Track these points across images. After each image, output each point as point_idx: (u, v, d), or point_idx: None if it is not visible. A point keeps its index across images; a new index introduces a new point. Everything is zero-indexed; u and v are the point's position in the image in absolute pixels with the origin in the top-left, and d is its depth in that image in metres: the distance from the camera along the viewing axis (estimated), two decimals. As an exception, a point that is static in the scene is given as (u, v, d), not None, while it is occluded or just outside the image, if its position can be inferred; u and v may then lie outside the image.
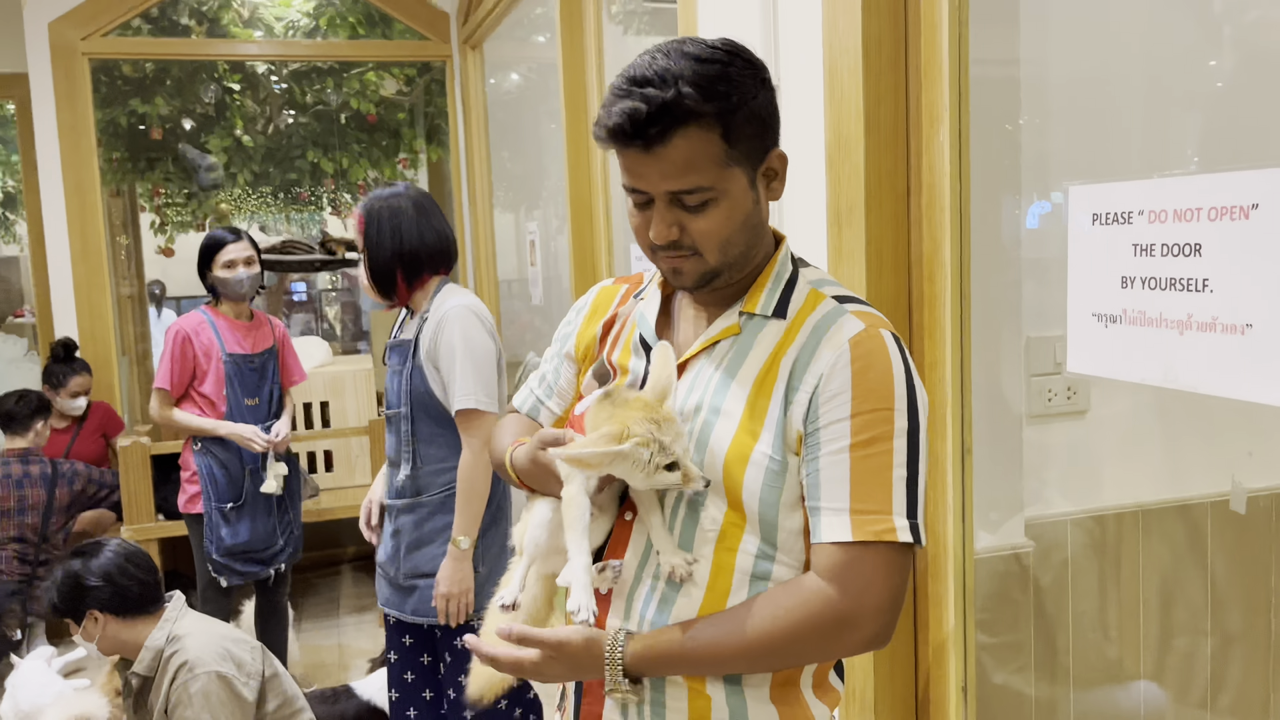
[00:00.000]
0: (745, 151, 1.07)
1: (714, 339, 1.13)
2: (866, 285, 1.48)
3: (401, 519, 2.41)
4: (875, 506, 1.03)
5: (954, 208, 1.41)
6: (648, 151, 1.03)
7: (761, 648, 1.05)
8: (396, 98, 5.49)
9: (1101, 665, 1.83)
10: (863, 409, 1.04)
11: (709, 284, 1.12)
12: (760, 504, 1.08)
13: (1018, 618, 1.77)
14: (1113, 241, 1.14)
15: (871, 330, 1.08)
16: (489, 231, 4.75)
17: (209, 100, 5.15)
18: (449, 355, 2.27)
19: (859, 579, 1.03)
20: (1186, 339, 1.05)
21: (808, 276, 1.17)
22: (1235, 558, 1.85)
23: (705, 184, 1.05)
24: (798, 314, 1.12)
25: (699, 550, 1.10)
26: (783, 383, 1.08)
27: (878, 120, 1.47)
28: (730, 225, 1.08)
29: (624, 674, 1.08)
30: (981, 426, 1.71)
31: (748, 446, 1.07)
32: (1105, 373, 1.17)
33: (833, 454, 1.05)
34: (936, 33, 1.41)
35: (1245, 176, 0.97)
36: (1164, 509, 1.83)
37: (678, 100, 1.01)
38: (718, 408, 1.10)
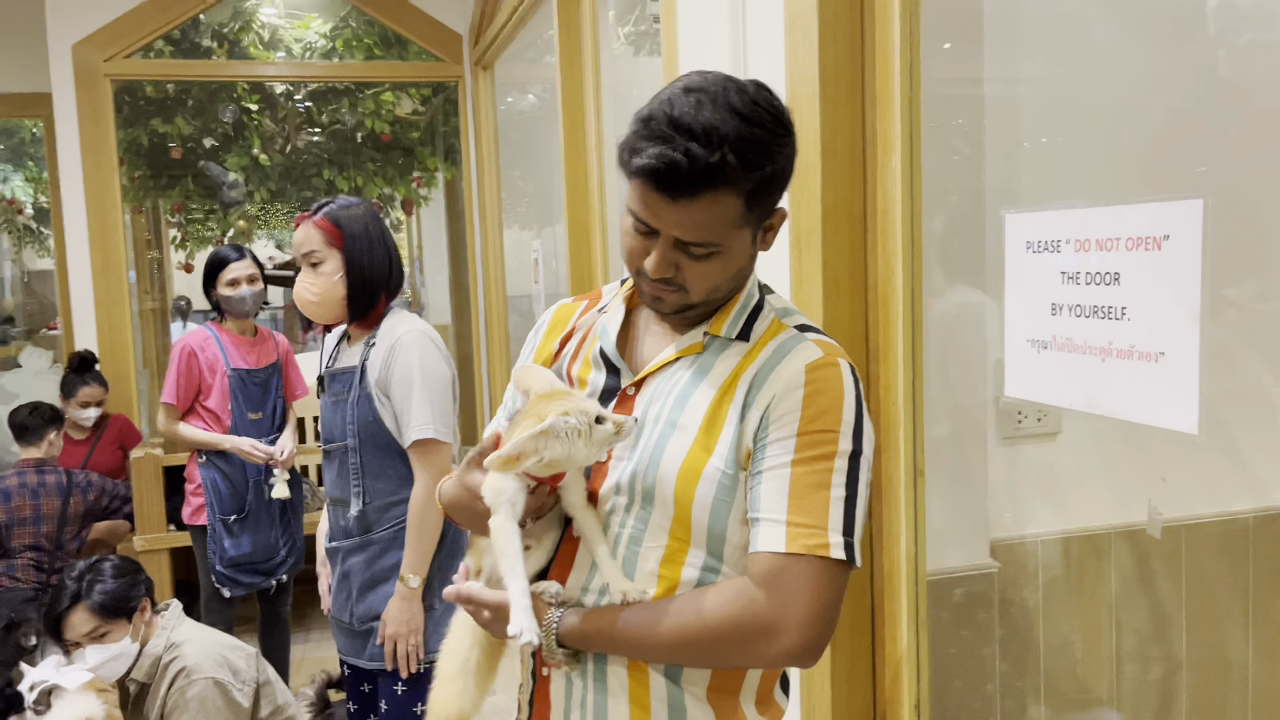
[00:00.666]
0: (759, 214, 1.10)
1: (677, 355, 1.16)
2: (824, 309, 1.52)
3: (351, 560, 2.24)
4: (811, 521, 1.05)
5: (905, 233, 1.44)
6: (673, 201, 1.04)
7: (681, 640, 1.07)
8: (411, 117, 5.58)
9: (1065, 686, 1.84)
10: (809, 429, 1.07)
11: (685, 312, 1.16)
12: (711, 517, 1.10)
13: (982, 637, 1.78)
14: (1044, 268, 1.17)
15: (829, 359, 1.11)
16: (498, 249, 4.81)
17: (228, 120, 5.27)
18: (404, 383, 2.14)
19: (787, 589, 1.05)
20: (1108, 365, 1.07)
21: (773, 304, 1.20)
22: (1204, 579, 1.86)
23: (715, 241, 1.08)
24: (761, 337, 1.15)
25: (643, 568, 1.12)
26: (739, 399, 1.10)
27: (834, 148, 1.50)
28: (723, 275, 1.12)
29: (558, 643, 1.12)
30: (946, 449, 1.73)
31: (701, 461, 1.10)
32: (1038, 398, 1.20)
33: (775, 467, 1.07)
34: (890, 63, 1.44)
35: (1157, 208, 1.00)
36: (1131, 531, 1.84)
37: (720, 166, 1.01)
38: (674, 422, 1.12)
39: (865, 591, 1.57)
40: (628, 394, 1.18)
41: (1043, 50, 1.73)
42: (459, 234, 5.75)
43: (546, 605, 1.14)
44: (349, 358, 2.26)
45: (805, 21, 1.51)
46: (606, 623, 1.10)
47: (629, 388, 1.18)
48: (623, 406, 1.18)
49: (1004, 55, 1.74)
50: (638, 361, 1.21)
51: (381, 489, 2.20)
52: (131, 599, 2.51)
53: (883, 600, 1.54)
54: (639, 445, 1.14)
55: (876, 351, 1.52)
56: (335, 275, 2.19)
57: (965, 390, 1.78)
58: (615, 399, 1.18)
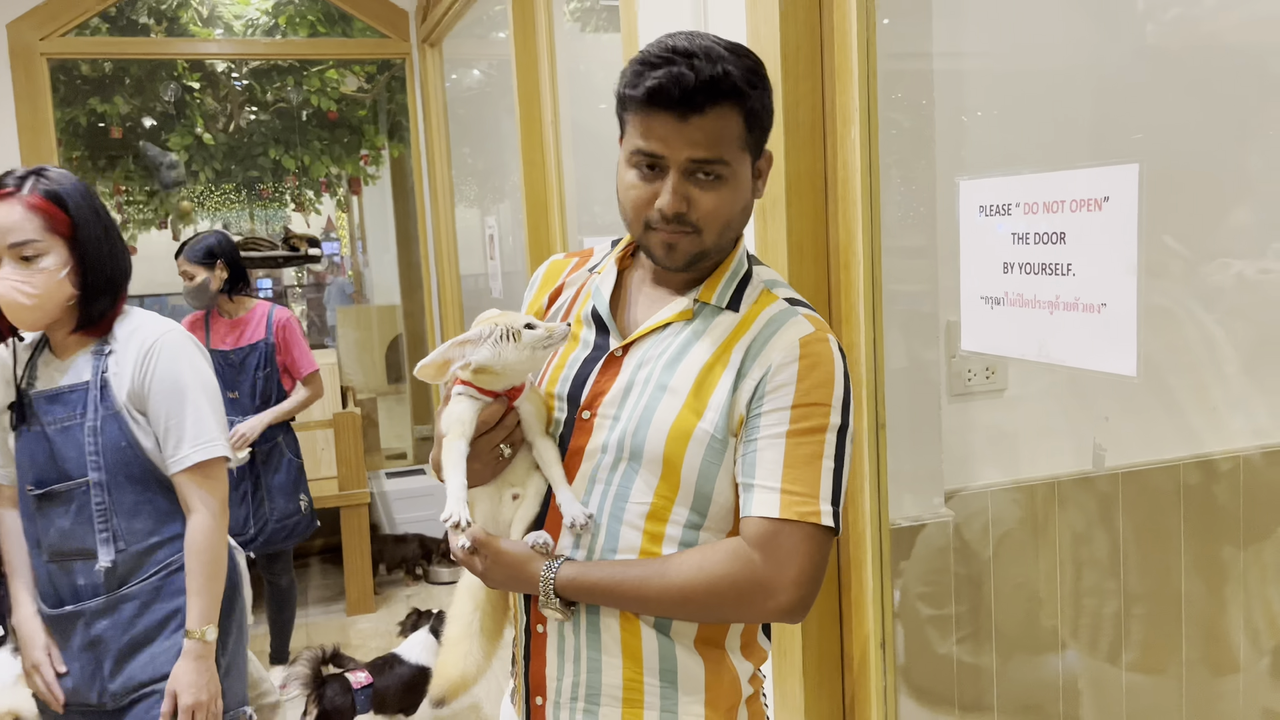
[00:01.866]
0: (755, 143, 1.15)
1: (667, 320, 1.20)
2: (789, 275, 1.60)
3: (99, 626, 1.80)
4: (804, 490, 1.11)
5: (865, 201, 1.52)
6: (683, 119, 1.08)
7: (682, 595, 1.12)
8: (357, 95, 5.55)
9: (1016, 624, 1.96)
10: (804, 402, 1.12)
11: (692, 265, 1.18)
12: (699, 477, 1.15)
13: (939, 582, 1.89)
14: (996, 231, 1.26)
15: (820, 334, 1.16)
16: (450, 227, 4.82)
17: (169, 99, 5.19)
18: (174, 394, 1.78)
19: (781, 551, 1.10)
20: (1055, 318, 1.17)
21: (761, 276, 1.24)
22: (1144, 525, 1.99)
23: (726, 159, 1.11)
24: (751, 308, 1.19)
25: (629, 521, 1.16)
26: (733, 368, 1.14)
27: (796, 121, 1.58)
28: (733, 207, 1.15)
29: (554, 593, 1.16)
30: (902, 405, 1.83)
31: (690, 423, 1.14)
32: (993, 350, 1.29)
33: (771, 437, 1.12)
34: (848, 39, 1.52)
35: (1098, 172, 1.09)
36: (1078, 480, 1.97)
37: (725, 76, 1.08)
38: (665, 385, 1.16)
39: (831, 540, 1.66)
40: (616, 355, 1.21)
41: (988, 25, 1.83)
42: (407, 212, 5.74)
43: (540, 555, 1.17)
44: (69, 373, 1.80)
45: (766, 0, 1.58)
46: (605, 574, 1.14)
47: (617, 350, 1.21)
48: (610, 368, 1.20)
49: (952, 30, 1.83)
50: (629, 324, 1.23)
51: (139, 530, 1.80)
52: None
53: (848, 547, 1.64)
54: (628, 405, 1.17)
55: (839, 313, 1.60)
56: (61, 271, 1.72)
57: (920, 348, 1.88)
58: (603, 359, 1.21)
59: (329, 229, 7.83)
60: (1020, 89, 1.81)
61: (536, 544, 1.17)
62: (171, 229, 6.05)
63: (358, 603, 4.41)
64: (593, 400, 1.20)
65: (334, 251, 7.91)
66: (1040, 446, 2.02)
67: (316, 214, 6.48)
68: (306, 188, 5.87)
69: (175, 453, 1.79)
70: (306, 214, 6.27)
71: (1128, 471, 1.97)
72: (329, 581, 4.86)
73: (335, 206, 7.47)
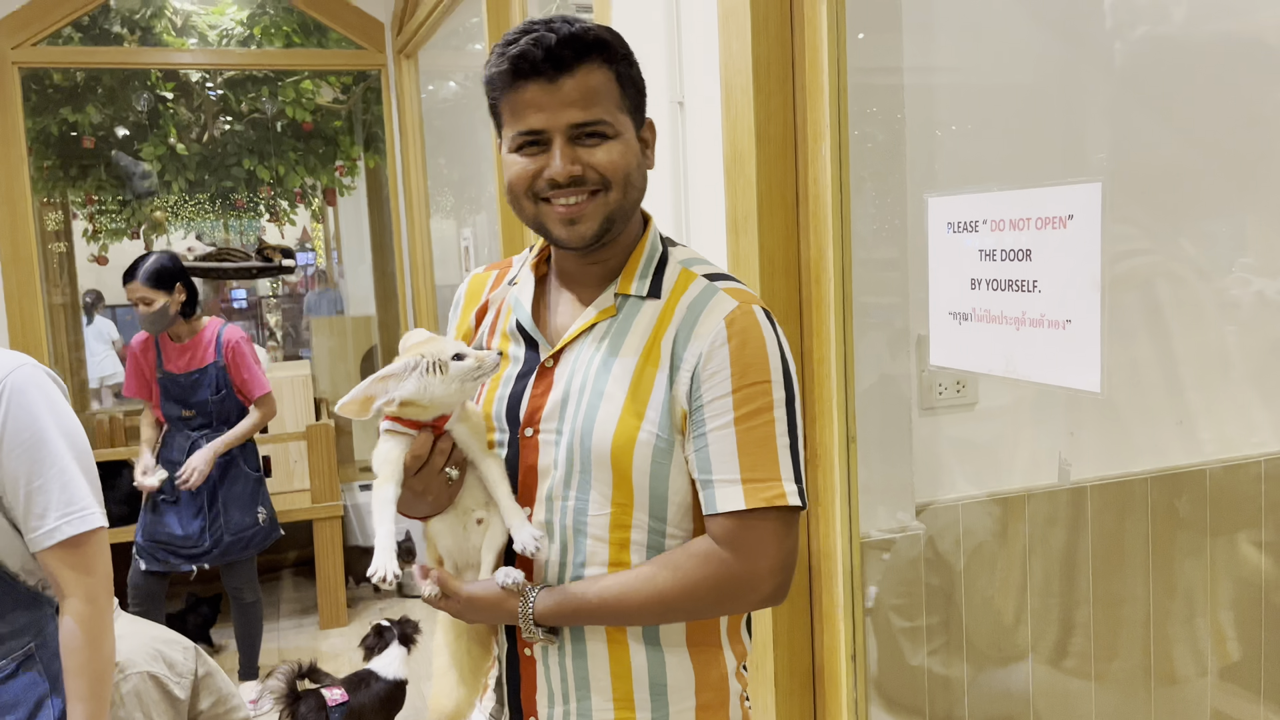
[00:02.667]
0: (631, 107, 1.12)
1: (591, 322, 1.16)
2: (760, 288, 1.61)
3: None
4: (764, 475, 1.08)
5: (835, 216, 1.54)
6: (553, 82, 1.06)
7: (663, 605, 1.11)
8: (332, 106, 5.53)
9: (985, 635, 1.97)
10: (743, 384, 1.09)
11: (603, 236, 1.13)
12: (651, 480, 1.12)
13: (910, 594, 1.90)
14: (963, 247, 1.27)
15: (744, 307, 1.11)
16: (425, 238, 4.81)
17: (142, 108, 5.15)
18: (32, 449, 1.39)
19: (753, 544, 1.09)
20: (1022, 334, 1.18)
21: (677, 256, 1.20)
22: (1115, 537, 2.01)
23: (608, 118, 1.08)
24: (671, 293, 1.15)
25: (592, 535, 1.14)
26: (665, 364, 1.11)
27: (768, 136, 1.59)
28: (629, 163, 1.11)
29: (535, 624, 1.13)
30: (873, 418, 1.85)
31: (634, 428, 1.11)
32: (961, 366, 1.30)
33: (719, 429, 1.09)
34: (819, 55, 1.54)
35: (1063, 190, 1.11)
36: (1048, 493, 1.99)
37: (585, 31, 1.06)
38: (600, 391, 1.12)
39: (803, 552, 1.67)
40: (546, 366, 1.17)
41: (957, 43, 1.85)
42: (382, 223, 5.72)
43: (514, 594, 1.13)
44: None
45: (738, 16, 1.59)
46: (582, 597, 1.12)
47: (547, 360, 1.17)
48: (544, 380, 1.17)
49: (923, 45, 1.85)
50: (553, 331, 1.20)
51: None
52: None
53: (819, 560, 1.65)
54: (568, 418, 1.14)
55: (810, 327, 1.62)
56: None
57: (891, 363, 1.89)
58: (535, 372, 1.18)
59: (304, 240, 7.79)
60: (989, 104, 1.83)
61: (506, 584, 1.13)
62: (144, 239, 5.99)
63: (330, 617, 4.37)
64: (532, 416, 1.16)
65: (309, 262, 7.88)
66: (1011, 460, 2.04)
67: (291, 225, 6.44)
68: (281, 198, 5.84)
69: (40, 525, 1.40)
70: (281, 225, 6.23)
71: (1096, 484, 1.99)
72: (301, 595, 4.82)
73: (310, 217, 7.43)
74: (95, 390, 6.66)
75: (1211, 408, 2.02)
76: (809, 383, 1.62)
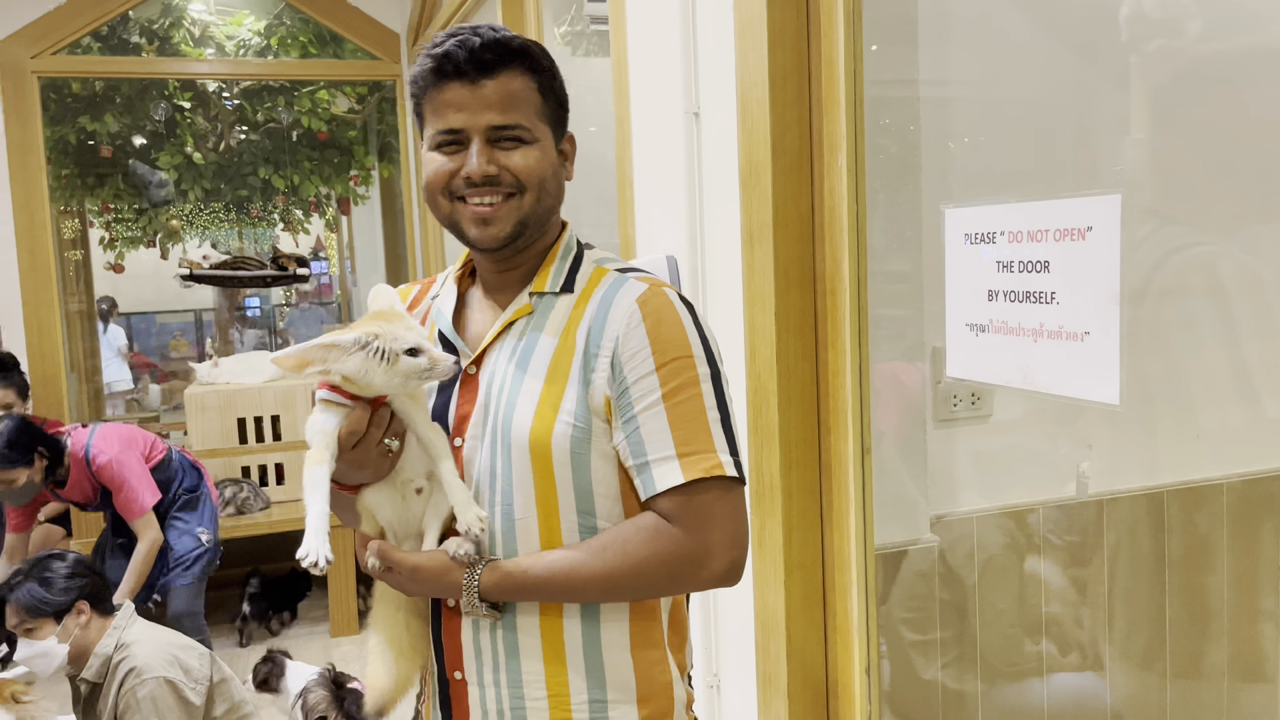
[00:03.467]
0: (552, 117, 1.15)
1: (509, 320, 1.16)
2: (775, 300, 1.61)
3: None
4: (699, 447, 1.07)
5: (851, 228, 1.54)
6: (474, 84, 1.09)
7: (611, 581, 1.08)
8: (347, 116, 5.56)
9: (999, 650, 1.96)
10: (665, 360, 1.08)
11: (517, 239, 1.14)
12: (574, 471, 1.10)
13: (924, 607, 1.89)
14: (981, 259, 1.27)
15: (655, 289, 1.12)
16: (439, 247, 4.83)
17: (159, 118, 5.19)
18: None
19: (700, 516, 1.07)
20: (1039, 346, 1.18)
21: (593, 256, 1.21)
22: (1129, 551, 2.00)
23: (525, 124, 1.11)
24: (585, 288, 1.16)
25: (524, 538, 1.12)
26: (580, 352, 1.11)
27: (784, 148, 1.59)
28: (543, 169, 1.13)
29: (479, 598, 1.10)
30: (888, 430, 1.84)
31: (550, 419, 1.10)
32: (978, 378, 1.30)
33: (647, 408, 1.08)
34: (835, 67, 1.54)
35: (1081, 202, 1.11)
36: (1062, 506, 1.98)
37: (510, 39, 1.10)
38: (518, 388, 1.12)
39: (817, 564, 1.66)
40: (469, 374, 1.17)
41: (973, 55, 1.85)
42: (396, 232, 5.75)
43: (461, 565, 1.11)
44: None
45: (755, 28, 1.60)
46: (530, 573, 1.10)
47: (469, 367, 1.17)
48: (468, 389, 1.16)
49: (938, 59, 1.85)
50: (472, 338, 1.19)
51: None
52: (54, 602, 2.49)
53: (833, 573, 1.64)
54: (489, 418, 1.13)
55: (825, 339, 1.61)
56: None
57: (904, 375, 1.89)
58: (458, 381, 1.17)
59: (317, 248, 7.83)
60: (1005, 117, 1.83)
61: (458, 555, 1.10)
62: (160, 247, 6.04)
63: (342, 625, 4.38)
64: (460, 426, 1.15)
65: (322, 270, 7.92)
66: (1025, 472, 2.03)
67: (305, 234, 6.48)
68: (296, 207, 5.88)
69: None
70: (295, 234, 6.27)
71: (1111, 498, 1.98)
72: (312, 603, 4.82)
73: (324, 226, 7.47)
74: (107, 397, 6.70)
75: (1230, 421, 2.01)
76: (824, 394, 1.62)
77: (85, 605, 2.53)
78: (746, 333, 1.70)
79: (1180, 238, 1.79)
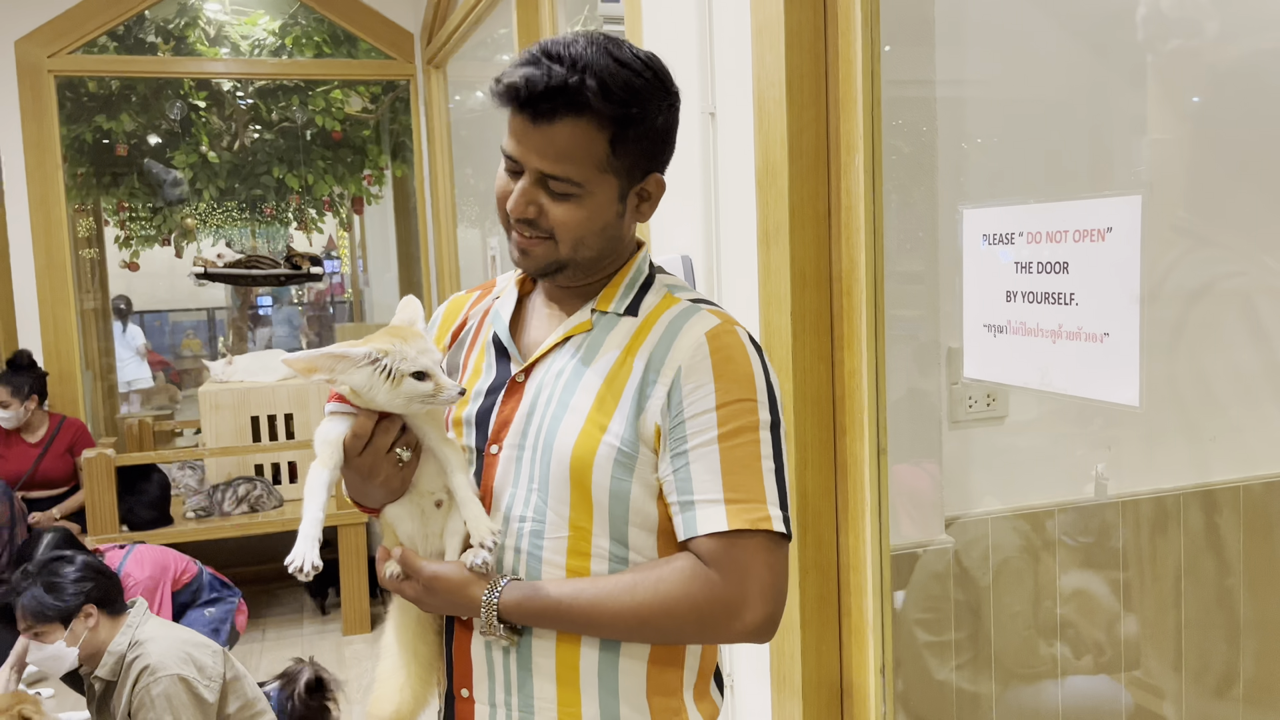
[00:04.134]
0: (627, 165, 1.06)
1: (566, 335, 1.12)
2: (791, 299, 1.61)
3: None
4: (749, 495, 1.02)
5: (868, 228, 1.53)
6: (533, 124, 1.02)
7: (638, 619, 1.03)
8: (361, 115, 5.58)
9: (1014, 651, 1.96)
10: (727, 400, 1.03)
11: (553, 275, 1.11)
12: (611, 498, 1.06)
13: (939, 608, 1.89)
14: (999, 259, 1.27)
15: (727, 325, 1.07)
16: (452, 247, 4.84)
17: (175, 117, 5.22)
18: None
19: (740, 566, 1.02)
20: (1058, 347, 1.18)
21: (664, 281, 1.16)
22: (1146, 553, 1.99)
23: (576, 178, 1.04)
24: (651, 312, 1.11)
25: (549, 561, 1.08)
26: (637, 376, 1.06)
27: (800, 148, 1.59)
28: (587, 226, 1.07)
29: (499, 618, 1.06)
30: (903, 431, 1.84)
31: (595, 439, 1.05)
32: (995, 379, 1.30)
33: (701, 445, 1.03)
34: (852, 68, 1.54)
35: (1101, 203, 1.10)
36: (1078, 508, 1.97)
37: (579, 87, 1.00)
38: (566, 403, 1.08)
39: (831, 564, 1.66)
40: (517, 381, 1.13)
41: (990, 55, 1.85)
42: (409, 232, 5.76)
43: (480, 577, 1.07)
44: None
45: (771, 29, 1.60)
46: (555, 597, 1.05)
47: (519, 374, 1.13)
48: (514, 395, 1.13)
49: (955, 59, 1.85)
50: (527, 346, 1.16)
51: None
52: (60, 607, 2.50)
53: (848, 573, 1.64)
54: (531, 433, 1.09)
55: (841, 339, 1.61)
56: None
57: (919, 376, 1.89)
58: (506, 386, 1.14)
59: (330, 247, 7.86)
60: (1021, 117, 1.83)
61: (474, 565, 1.06)
62: (174, 246, 6.07)
63: (354, 623, 4.39)
64: (499, 431, 1.12)
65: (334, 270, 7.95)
66: (1041, 474, 2.03)
67: (319, 232, 6.50)
68: (309, 206, 5.90)
69: None
70: (309, 233, 6.30)
71: (1130, 499, 1.98)
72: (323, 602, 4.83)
73: (338, 225, 7.50)
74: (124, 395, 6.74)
75: (1248, 423, 2.00)
76: (840, 395, 1.62)
77: (93, 608, 2.53)
78: (762, 333, 1.70)
79: (1201, 239, 1.78)
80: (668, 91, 1.07)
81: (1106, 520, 1.97)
